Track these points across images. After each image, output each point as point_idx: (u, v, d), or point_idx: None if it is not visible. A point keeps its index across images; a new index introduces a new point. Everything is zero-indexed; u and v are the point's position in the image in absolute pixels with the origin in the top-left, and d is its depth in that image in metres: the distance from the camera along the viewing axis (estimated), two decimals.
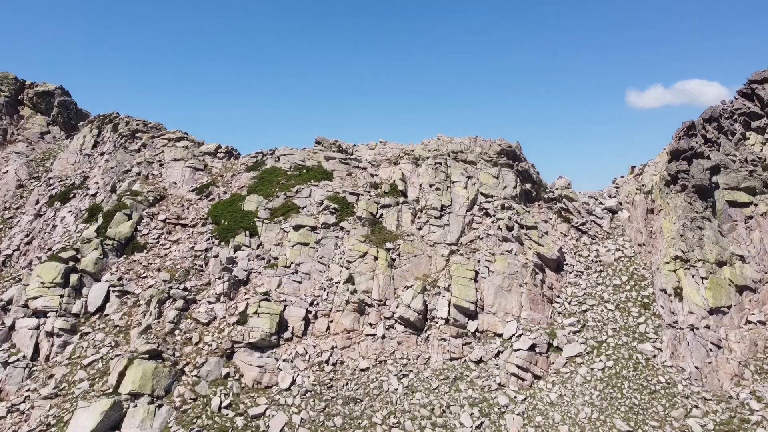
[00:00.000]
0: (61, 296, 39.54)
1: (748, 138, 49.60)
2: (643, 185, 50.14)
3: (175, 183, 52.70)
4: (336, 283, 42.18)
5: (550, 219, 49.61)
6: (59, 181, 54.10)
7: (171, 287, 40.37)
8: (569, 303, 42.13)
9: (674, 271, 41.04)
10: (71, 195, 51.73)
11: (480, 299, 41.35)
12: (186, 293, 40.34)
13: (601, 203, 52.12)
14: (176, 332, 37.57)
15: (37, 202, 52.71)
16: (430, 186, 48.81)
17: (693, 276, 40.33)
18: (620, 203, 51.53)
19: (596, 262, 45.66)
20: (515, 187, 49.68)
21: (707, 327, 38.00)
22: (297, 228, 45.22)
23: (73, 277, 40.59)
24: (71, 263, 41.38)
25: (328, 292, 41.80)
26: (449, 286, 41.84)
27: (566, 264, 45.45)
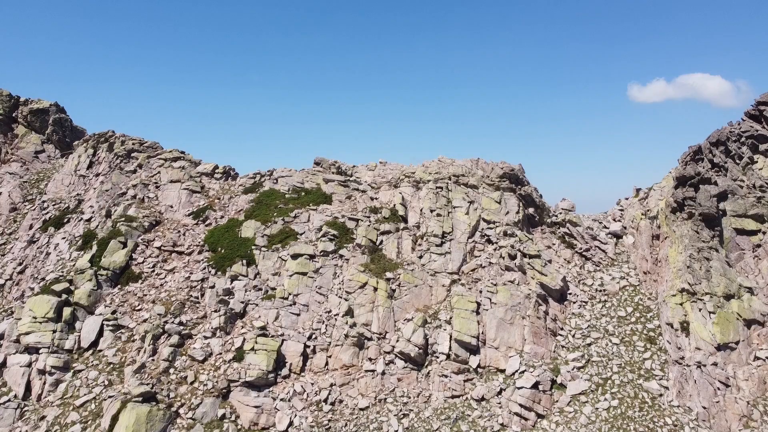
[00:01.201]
0: (54, 331, 38.72)
1: (756, 161, 48.48)
2: (648, 210, 49.14)
3: (171, 206, 51.78)
4: (335, 315, 41.29)
5: (554, 244, 48.65)
6: (53, 205, 53.19)
7: (166, 321, 39.50)
8: (573, 336, 41.21)
9: (681, 305, 40.11)
10: (65, 220, 50.83)
11: (482, 333, 40.44)
12: (181, 327, 39.48)
13: (605, 227, 51.14)
14: (171, 371, 36.72)
15: (31, 227, 51.85)
16: (431, 211, 47.85)
17: (700, 310, 39.38)
18: (625, 227, 50.54)
19: (601, 291, 44.71)
20: (518, 212, 48.69)
21: (715, 364, 37.08)
22: (295, 257, 44.31)
23: (66, 311, 39.75)
24: (64, 296, 40.54)
25: (326, 325, 40.92)
26: (450, 318, 40.94)
27: (570, 293, 44.52)
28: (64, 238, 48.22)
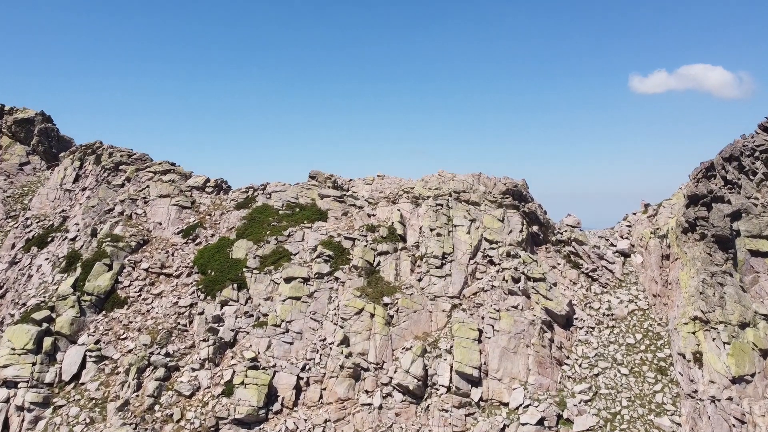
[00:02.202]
0: (34, 364, 36.79)
1: None
2: (657, 228, 47.06)
3: (160, 224, 49.69)
4: (330, 344, 39.34)
5: (559, 264, 46.60)
6: (37, 222, 51.12)
7: (152, 353, 37.55)
8: (580, 365, 39.27)
9: (693, 333, 38.13)
10: (49, 238, 48.78)
11: (484, 363, 38.49)
12: (168, 359, 37.53)
13: (612, 244, 49.08)
14: (156, 407, 34.82)
15: (13, 246, 49.83)
16: (431, 230, 45.75)
17: (714, 339, 37.40)
18: (633, 245, 48.49)
19: (608, 315, 42.72)
20: (521, 231, 46.61)
21: (729, 399, 35.15)
22: (288, 280, 42.30)
23: (47, 342, 37.80)
24: (45, 325, 38.59)
25: (321, 355, 38.98)
26: (451, 347, 38.98)
27: (576, 318, 42.55)
28: (47, 258, 46.17)
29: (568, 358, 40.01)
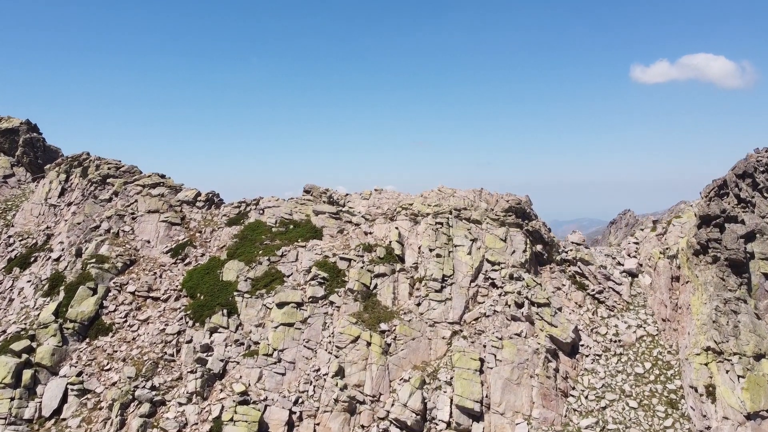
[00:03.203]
0: (12, 399, 35.00)
1: None
2: (667, 248, 45.06)
3: (149, 242, 47.72)
4: (324, 375, 37.47)
5: (564, 286, 44.66)
6: (20, 240, 49.11)
7: (137, 386, 35.69)
8: (586, 397, 37.43)
9: (706, 365, 36.24)
10: (32, 258, 46.80)
11: (486, 396, 36.65)
12: (154, 393, 35.65)
13: (619, 263, 47.11)
14: None
15: None
16: (431, 251, 43.77)
17: (727, 371, 35.52)
18: (641, 265, 46.52)
19: (615, 342, 40.84)
20: (525, 251, 44.63)
21: None
22: (281, 305, 40.40)
23: (26, 374, 35.97)
24: (25, 356, 36.71)
25: (314, 386, 37.12)
26: (451, 379, 37.12)
27: (582, 345, 40.67)
28: (29, 281, 44.23)
29: (573, 389, 38.16)
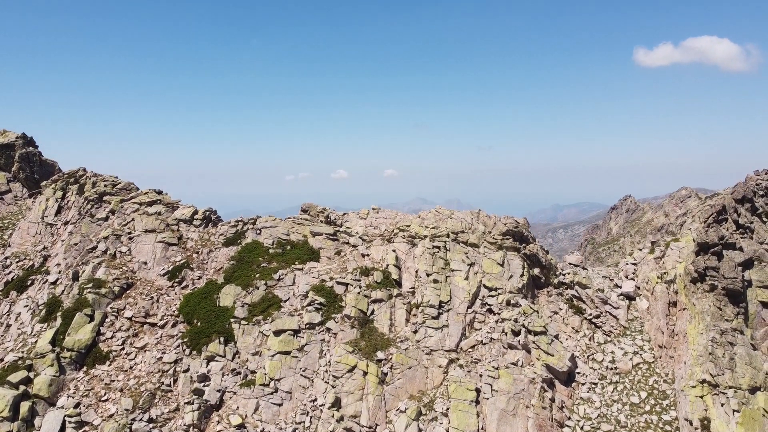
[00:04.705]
0: None
1: None
2: (665, 273, 44.95)
3: (146, 263, 47.63)
4: (320, 406, 37.60)
5: (561, 310, 44.65)
6: (17, 261, 49.01)
7: (134, 419, 35.84)
8: (582, 428, 37.52)
9: (701, 398, 36.32)
10: (29, 281, 46.74)
11: (482, 428, 36.77)
12: (151, 425, 35.84)
13: (617, 285, 47.05)
14: None
15: None
16: (428, 275, 43.70)
17: (723, 405, 35.61)
18: (638, 287, 46.44)
19: (612, 369, 40.91)
20: (522, 275, 44.54)
21: None
22: (278, 333, 40.43)
23: (24, 407, 36.09)
24: (22, 387, 36.81)
25: (311, 417, 37.27)
26: (447, 410, 37.26)
27: (578, 373, 40.75)
28: (26, 306, 44.22)
29: (569, 419, 38.29)
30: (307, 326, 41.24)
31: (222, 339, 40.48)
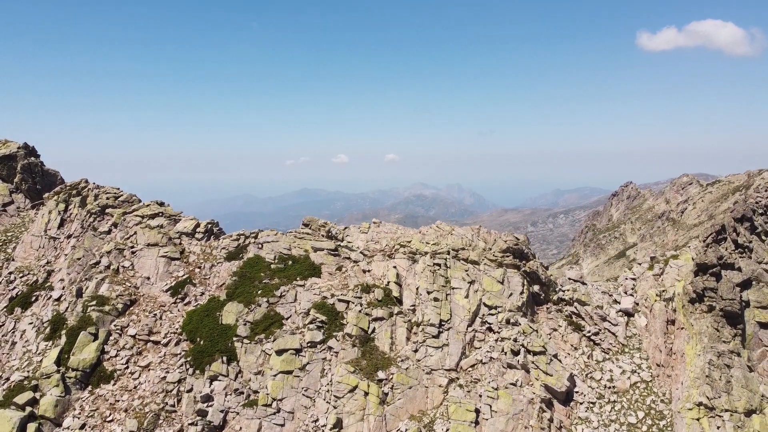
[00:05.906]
0: None
1: None
2: (664, 291, 45.29)
3: (148, 278, 48.03)
4: (322, 426, 38.20)
5: (560, 327, 45.07)
6: (21, 277, 49.40)
7: None
8: None
9: (698, 420, 36.88)
10: (33, 297, 47.17)
11: None
12: None
13: (616, 301, 47.41)
14: None
15: None
16: (428, 293, 44.08)
17: (719, 428, 36.16)
18: (637, 304, 46.81)
19: (610, 388, 41.42)
20: (522, 293, 44.91)
21: None
22: (280, 352, 40.93)
23: (31, 428, 36.67)
24: (28, 408, 37.38)
25: None
26: (447, 431, 37.84)
27: (577, 392, 41.27)
28: (31, 323, 44.70)
29: None
30: (308, 345, 41.71)
31: (225, 358, 41.00)
